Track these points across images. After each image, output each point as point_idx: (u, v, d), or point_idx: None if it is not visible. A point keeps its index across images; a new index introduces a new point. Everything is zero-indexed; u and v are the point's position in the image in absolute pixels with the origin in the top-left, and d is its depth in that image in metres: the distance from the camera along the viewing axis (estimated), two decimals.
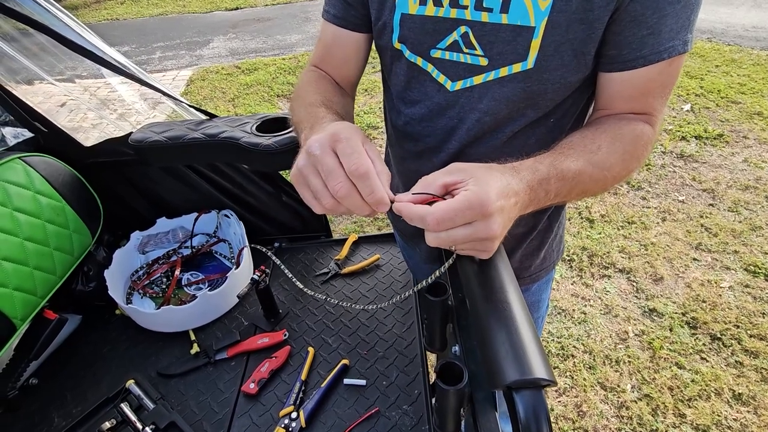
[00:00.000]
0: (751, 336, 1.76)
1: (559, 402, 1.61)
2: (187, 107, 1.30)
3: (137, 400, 0.87)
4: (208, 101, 4.19)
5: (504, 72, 0.57)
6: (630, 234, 2.30)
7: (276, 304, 1.03)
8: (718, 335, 1.77)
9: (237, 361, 0.95)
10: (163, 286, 1.16)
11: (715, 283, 2.00)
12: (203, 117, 1.22)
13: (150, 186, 1.25)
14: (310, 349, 0.94)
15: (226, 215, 1.24)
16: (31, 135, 1.14)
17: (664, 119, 3.10)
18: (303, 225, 1.28)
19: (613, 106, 0.60)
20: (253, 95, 4.20)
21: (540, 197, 0.49)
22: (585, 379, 1.66)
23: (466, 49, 0.58)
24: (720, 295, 1.94)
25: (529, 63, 0.55)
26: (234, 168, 1.21)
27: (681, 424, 1.51)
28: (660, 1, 0.49)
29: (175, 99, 1.26)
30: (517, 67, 0.56)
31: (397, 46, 0.63)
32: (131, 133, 1.14)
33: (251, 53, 5.33)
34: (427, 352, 0.92)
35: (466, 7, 0.56)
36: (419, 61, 0.63)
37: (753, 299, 1.91)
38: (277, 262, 1.12)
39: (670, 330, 1.81)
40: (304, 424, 0.80)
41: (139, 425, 0.82)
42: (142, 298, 1.13)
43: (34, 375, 0.95)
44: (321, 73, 0.75)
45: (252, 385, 0.87)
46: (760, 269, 2.03)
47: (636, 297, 1.98)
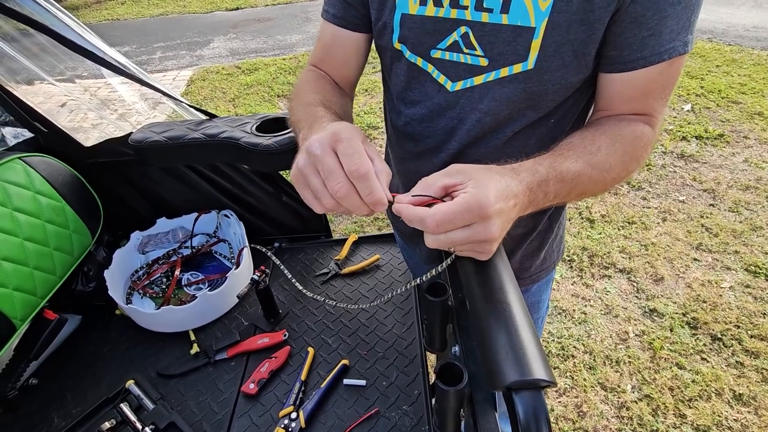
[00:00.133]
0: (751, 336, 1.76)
1: (560, 402, 1.61)
2: (187, 107, 1.30)
3: (137, 400, 0.87)
4: (209, 101, 4.19)
5: (504, 72, 0.57)
6: (630, 234, 2.30)
7: (276, 304, 1.03)
8: (719, 335, 1.77)
9: (237, 362, 0.95)
10: (163, 287, 1.15)
11: (716, 283, 1.99)
12: (203, 117, 1.22)
13: (150, 186, 1.25)
14: (310, 350, 0.94)
15: (226, 215, 1.24)
16: (31, 135, 1.14)
17: (664, 119, 3.10)
18: (303, 225, 1.28)
19: (613, 107, 0.60)
20: (253, 95, 4.20)
21: (539, 199, 0.49)
22: (585, 379, 1.66)
23: (466, 50, 0.58)
24: (720, 295, 1.94)
25: (530, 63, 0.55)
26: (234, 168, 1.21)
27: (681, 424, 1.51)
28: (661, 2, 0.49)
29: (175, 99, 1.26)
30: (517, 68, 0.56)
31: (397, 46, 0.63)
32: (131, 133, 1.14)
33: (252, 53, 5.33)
34: (427, 352, 0.92)
35: (466, 7, 0.56)
36: (419, 61, 0.63)
37: (754, 299, 1.91)
38: (277, 263, 1.11)
39: (671, 330, 1.81)
40: (303, 425, 0.80)
41: (138, 425, 0.82)
42: (142, 298, 1.13)
43: (34, 375, 0.95)
44: (320, 73, 0.75)
45: (252, 385, 0.87)
46: (760, 269, 2.03)
47: (636, 297, 1.98)
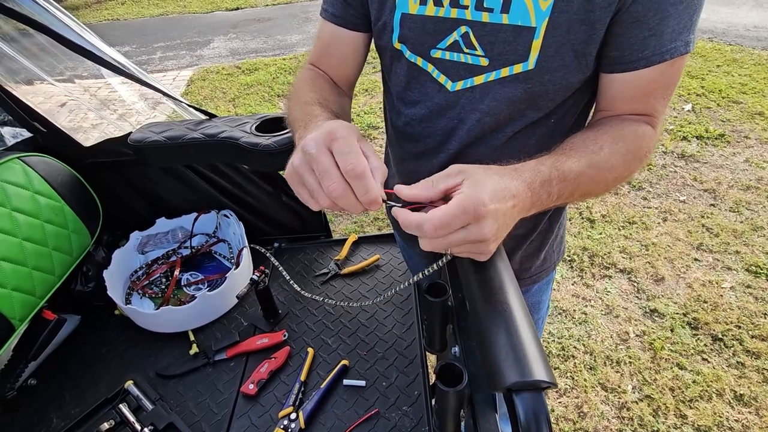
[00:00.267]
0: (752, 337, 1.75)
1: (560, 403, 1.60)
2: (187, 107, 1.30)
3: (136, 400, 0.87)
4: (209, 101, 4.19)
5: (505, 72, 0.57)
6: (631, 234, 2.29)
7: (275, 304, 1.03)
8: (720, 336, 1.76)
9: (236, 362, 0.94)
10: (163, 287, 1.15)
11: (717, 283, 1.99)
12: (203, 117, 1.22)
13: (149, 186, 1.25)
14: (310, 350, 0.94)
15: (225, 215, 1.24)
16: (29, 135, 1.13)
17: (665, 119, 3.10)
18: (303, 225, 1.28)
19: (614, 107, 0.59)
20: (253, 95, 4.20)
21: (542, 199, 0.49)
22: (586, 379, 1.66)
23: (466, 50, 0.58)
24: (721, 295, 1.93)
25: (530, 64, 0.55)
26: (233, 168, 1.21)
27: (682, 425, 1.50)
28: (662, 2, 0.49)
29: (174, 99, 1.26)
30: (518, 68, 0.56)
31: (397, 46, 0.63)
32: (130, 133, 1.13)
33: (252, 53, 5.33)
34: (427, 353, 0.92)
35: (466, 7, 0.55)
36: (419, 61, 0.62)
37: (754, 300, 1.90)
38: (276, 264, 1.11)
39: (672, 330, 1.81)
40: (303, 425, 0.80)
41: (137, 426, 0.82)
42: (141, 298, 1.12)
43: (33, 375, 0.95)
44: (318, 72, 0.74)
45: (251, 385, 0.87)
46: (761, 269, 2.02)
47: (637, 297, 1.97)
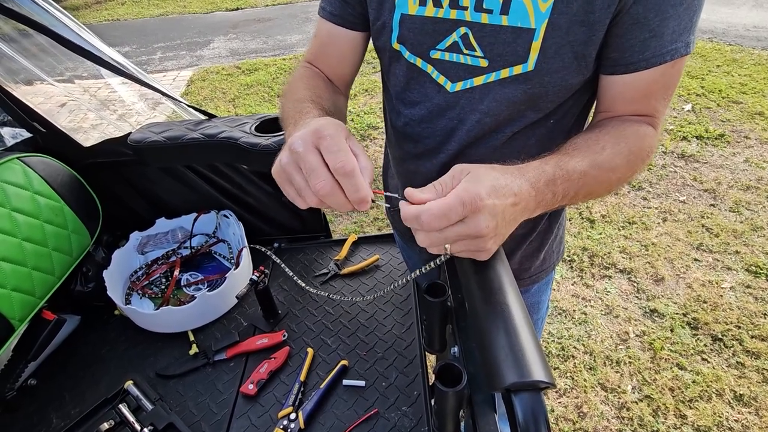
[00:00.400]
0: (752, 337, 1.75)
1: (560, 403, 1.60)
2: (187, 107, 1.30)
3: (136, 401, 0.87)
4: (209, 101, 4.19)
5: (504, 74, 0.57)
6: (631, 234, 2.29)
7: (275, 304, 1.03)
8: (720, 336, 1.76)
9: (236, 362, 0.95)
10: (162, 287, 1.15)
11: (717, 283, 1.99)
12: (202, 117, 1.22)
13: (149, 186, 1.25)
14: (309, 350, 0.94)
15: (225, 216, 1.24)
16: (29, 135, 1.13)
17: (665, 119, 3.10)
18: (302, 225, 1.28)
19: (615, 109, 0.59)
20: (253, 95, 4.20)
21: (548, 199, 0.48)
22: (585, 379, 1.66)
23: (466, 50, 0.58)
24: (721, 295, 1.93)
25: (530, 65, 0.55)
26: (233, 168, 1.21)
27: (682, 425, 1.50)
28: (662, 3, 0.49)
29: (174, 99, 1.26)
30: (517, 69, 0.56)
31: (396, 46, 0.63)
32: (130, 133, 1.13)
33: (252, 53, 5.33)
34: (426, 353, 0.92)
35: (465, 8, 0.55)
36: (419, 62, 0.62)
37: (754, 300, 1.90)
38: (277, 261, 1.11)
39: (671, 331, 1.81)
40: (302, 425, 0.80)
41: (137, 426, 0.82)
42: (141, 298, 1.12)
43: (33, 376, 0.95)
44: (314, 70, 0.74)
45: (251, 386, 0.87)
46: (761, 270, 2.02)
47: (637, 297, 1.97)
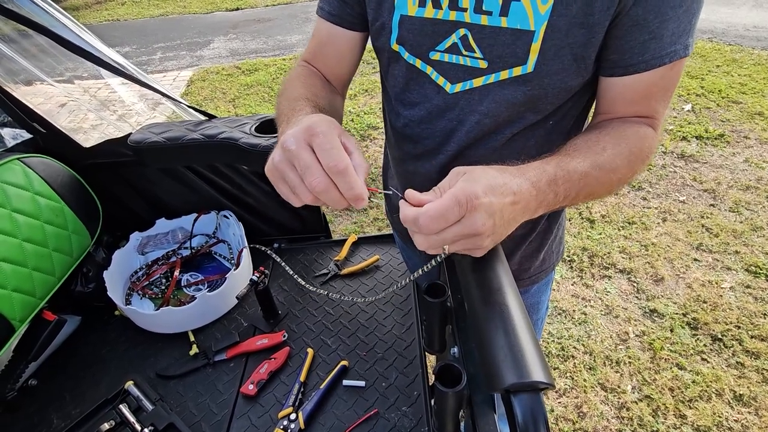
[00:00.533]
0: (752, 337, 1.75)
1: (560, 403, 1.60)
2: (186, 108, 1.30)
3: (136, 401, 0.87)
4: (209, 102, 4.19)
5: (504, 75, 0.57)
6: (630, 234, 2.30)
7: (275, 305, 1.03)
8: (719, 336, 1.76)
9: (236, 363, 0.95)
10: (163, 287, 1.15)
11: (716, 283, 1.99)
12: (202, 118, 1.22)
13: (149, 187, 1.25)
14: (309, 351, 0.94)
15: (225, 216, 1.24)
16: (29, 136, 1.14)
17: (664, 119, 3.11)
18: (302, 226, 1.28)
19: (615, 110, 0.59)
20: (253, 96, 4.20)
21: (549, 199, 0.48)
22: (585, 380, 1.66)
23: (465, 52, 0.58)
24: (721, 295, 1.94)
25: (529, 67, 0.55)
26: (233, 169, 1.21)
27: (682, 425, 1.50)
28: (662, 5, 0.49)
29: (173, 100, 1.26)
30: (517, 71, 0.56)
31: (395, 47, 0.63)
32: (130, 134, 1.14)
33: (252, 54, 5.33)
34: (426, 353, 0.92)
35: (465, 9, 0.55)
36: (418, 63, 0.62)
37: (754, 300, 1.90)
38: (278, 260, 1.11)
39: (671, 331, 1.81)
40: (303, 426, 0.80)
41: (138, 426, 0.82)
42: (141, 299, 1.13)
43: (33, 376, 0.95)
44: (311, 69, 0.74)
45: (251, 386, 0.87)
46: (761, 270, 2.03)
47: (636, 297, 1.97)
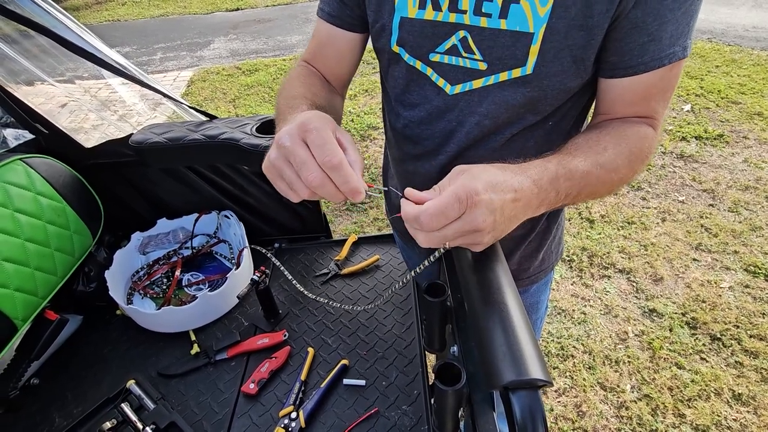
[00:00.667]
0: (751, 336, 1.76)
1: (559, 402, 1.61)
2: (187, 108, 1.31)
3: (138, 400, 0.88)
4: (209, 102, 4.20)
5: (503, 77, 0.57)
6: (630, 234, 2.30)
7: (276, 304, 1.03)
8: (718, 335, 1.77)
9: (237, 362, 0.95)
10: (164, 287, 1.16)
11: (715, 283, 2.00)
12: (203, 118, 1.22)
13: (150, 187, 1.25)
14: (310, 350, 0.94)
15: (226, 216, 1.25)
16: (32, 136, 1.14)
17: (664, 120, 3.11)
18: (303, 226, 1.28)
19: (614, 111, 0.60)
20: (253, 96, 4.21)
21: (551, 197, 0.49)
22: (585, 379, 1.67)
23: (465, 54, 0.58)
24: (720, 295, 1.94)
25: (528, 68, 0.55)
26: (234, 169, 1.21)
27: (681, 424, 1.51)
28: (661, 8, 0.50)
29: (174, 100, 1.27)
30: (516, 72, 0.56)
31: (395, 49, 0.64)
32: (132, 134, 1.14)
33: (252, 54, 5.33)
34: (426, 352, 0.92)
35: (465, 11, 0.56)
36: (418, 64, 0.63)
37: (753, 299, 1.91)
38: (277, 264, 1.12)
39: (670, 330, 1.82)
40: (303, 425, 0.81)
41: (139, 425, 0.83)
42: (142, 298, 1.13)
43: (35, 375, 0.95)
44: (311, 69, 0.75)
45: (252, 385, 0.88)
46: (760, 269, 2.03)
47: (636, 297, 1.98)
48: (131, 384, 0.90)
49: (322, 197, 0.47)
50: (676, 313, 1.88)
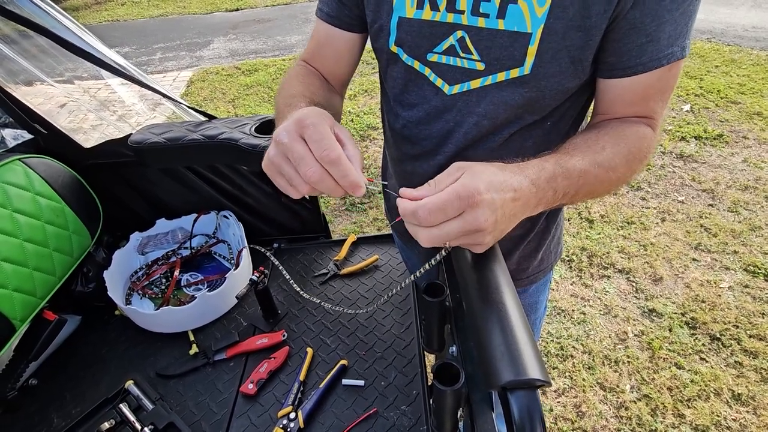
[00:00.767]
0: (750, 336, 1.76)
1: (558, 402, 1.61)
2: (186, 108, 1.31)
3: (136, 400, 0.88)
4: (209, 102, 4.20)
5: (501, 77, 0.57)
6: (629, 234, 2.30)
7: (275, 304, 1.03)
8: (718, 335, 1.77)
9: (236, 362, 0.95)
10: (163, 287, 1.16)
11: (715, 283, 2.00)
12: (202, 118, 1.22)
13: (149, 187, 1.25)
14: (309, 350, 0.94)
15: (225, 216, 1.25)
16: (30, 137, 1.14)
17: (663, 120, 3.11)
18: (302, 226, 1.28)
19: (613, 111, 0.60)
20: (253, 96, 4.21)
21: (548, 197, 0.49)
22: (584, 379, 1.67)
23: (462, 54, 0.58)
24: (719, 295, 1.94)
25: (526, 69, 0.55)
26: (233, 169, 1.21)
27: (680, 424, 1.51)
28: (659, 8, 0.50)
29: (173, 100, 1.27)
30: (514, 73, 0.56)
31: (393, 49, 0.64)
32: (131, 134, 1.14)
33: (251, 54, 5.33)
34: (425, 352, 0.92)
35: (462, 12, 0.56)
36: (416, 64, 0.63)
37: (752, 299, 1.91)
38: (276, 263, 1.12)
39: (670, 330, 1.82)
40: (302, 425, 0.80)
41: (138, 426, 0.83)
42: (141, 298, 1.13)
43: (34, 375, 0.95)
44: (309, 68, 0.75)
45: (251, 385, 0.87)
46: (759, 269, 2.03)
47: (635, 297, 1.98)
48: (130, 384, 0.90)
49: (322, 192, 0.47)
50: (675, 313, 1.88)
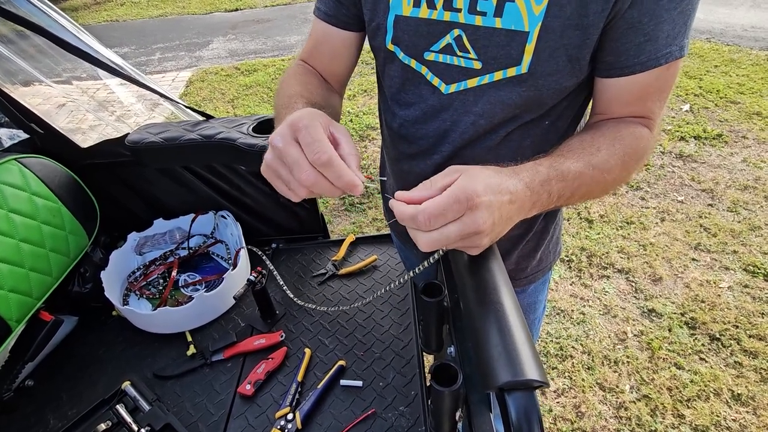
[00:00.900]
0: (750, 336, 1.76)
1: (558, 403, 1.60)
2: (184, 108, 1.30)
3: (133, 401, 0.87)
4: (208, 102, 4.19)
5: (498, 76, 0.57)
6: (629, 234, 2.30)
7: (272, 305, 1.03)
8: (717, 335, 1.77)
9: (233, 363, 0.95)
10: (160, 288, 1.15)
11: (714, 283, 2.00)
12: (200, 118, 1.22)
13: (147, 187, 1.25)
14: (307, 351, 0.94)
15: (223, 216, 1.24)
16: (26, 136, 1.13)
17: (662, 119, 3.11)
18: (300, 226, 1.28)
19: (611, 111, 0.60)
20: (252, 96, 4.20)
21: (543, 199, 0.49)
22: (584, 379, 1.66)
23: (459, 52, 0.58)
24: (719, 295, 1.94)
25: (524, 67, 0.55)
26: (231, 169, 1.21)
27: (680, 424, 1.51)
28: (657, 8, 0.49)
29: (171, 100, 1.26)
30: (511, 72, 0.56)
31: (390, 47, 0.63)
32: (128, 134, 1.14)
33: (251, 54, 5.33)
34: (424, 353, 0.92)
35: (459, 10, 0.56)
36: (413, 63, 0.63)
37: (752, 299, 1.91)
38: (271, 269, 1.11)
39: (669, 330, 1.81)
40: (300, 426, 0.80)
41: (134, 427, 0.82)
42: (138, 299, 1.12)
43: (30, 376, 0.95)
44: (308, 67, 0.75)
45: (248, 386, 0.87)
46: (759, 269, 2.03)
47: (635, 297, 1.98)
48: (126, 385, 0.89)
49: (321, 194, 0.47)
50: (675, 313, 1.88)
